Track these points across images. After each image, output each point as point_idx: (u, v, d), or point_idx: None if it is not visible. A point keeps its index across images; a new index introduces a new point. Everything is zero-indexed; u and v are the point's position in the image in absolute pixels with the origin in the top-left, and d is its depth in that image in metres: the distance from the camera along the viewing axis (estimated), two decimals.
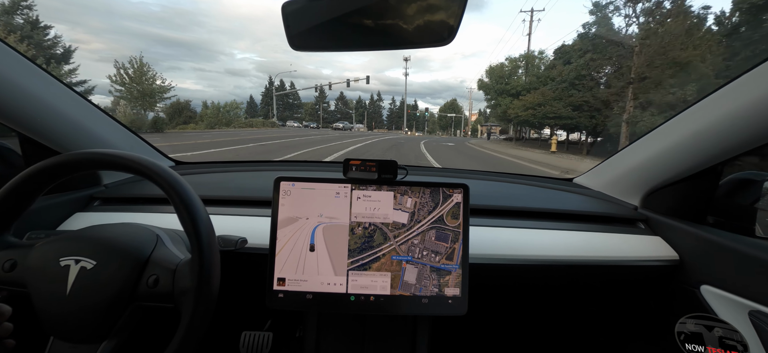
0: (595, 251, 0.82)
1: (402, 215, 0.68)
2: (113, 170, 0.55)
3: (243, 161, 1.50)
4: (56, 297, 0.50)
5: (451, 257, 0.68)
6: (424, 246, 0.68)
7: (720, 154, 0.71)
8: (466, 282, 0.67)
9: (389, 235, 0.68)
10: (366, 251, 0.68)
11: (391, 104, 79.57)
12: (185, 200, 0.51)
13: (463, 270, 0.67)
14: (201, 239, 0.50)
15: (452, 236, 0.68)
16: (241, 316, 1.07)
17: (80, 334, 0.51)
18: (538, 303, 1.06)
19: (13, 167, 0.85)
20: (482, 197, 0.95)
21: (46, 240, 0.56)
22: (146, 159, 0.53)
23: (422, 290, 0.67)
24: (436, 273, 0.67)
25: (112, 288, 0.51)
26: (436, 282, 0.67)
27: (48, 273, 0.51)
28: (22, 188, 0.52)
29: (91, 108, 0.90)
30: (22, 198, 0.54)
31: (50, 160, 0.53)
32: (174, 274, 0.53)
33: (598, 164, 1.13)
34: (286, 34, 0.52)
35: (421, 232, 0.68)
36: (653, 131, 0.88)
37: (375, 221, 0.68)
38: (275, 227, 0.68)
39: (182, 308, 0.51)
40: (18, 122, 0.74)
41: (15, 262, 0.53)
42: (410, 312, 0.67)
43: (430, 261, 0.68)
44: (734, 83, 0.65)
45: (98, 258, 0.52)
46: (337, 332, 0.83)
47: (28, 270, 0.52)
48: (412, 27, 0.50)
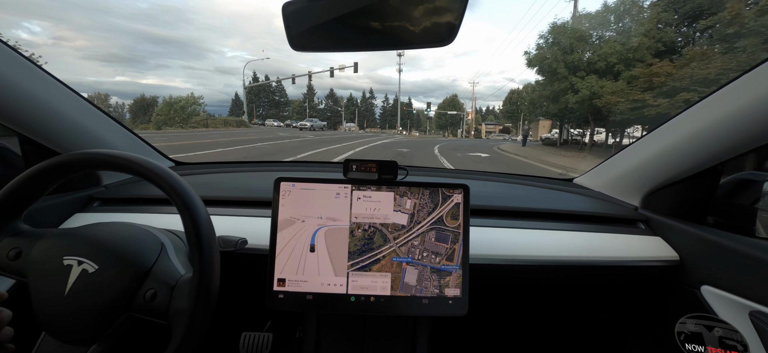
0: (596, 251, 0.82)
1: (402, 216, 0.68)
2: (113, 170, 0.55)
3: (244, 161, 1.50)
4: (54, 295, 0.50)
5: (451, 258, 0.68)
6: (425, 247, 0.68)
7: (720, 154, 0.71)
8: (467, 282, 0.67)
9: (389, 236, 0.68)
10: (366, 253, 0.68)
11: (384, 102, 77.33)
12: (186, 201, 0.51)
13: (463, 270, 0.67)
14: (201, 241, 0.50)
15: (452, 237, 0.68)
16: (241, 317, 1.07)
17: (72, 335, 0.51)
18: (538, 303, 1.06)
19: (13, 168, 0.85)
20: (482, 197, 0.95)
21: (52, 235, 0.55)
22: (147, 160, 0.53)
23: (422, 291, 0.67)
24: (436, 273, 0.67)
25: (109, 295, 0.51)
26: (437, 283, 0.67)
27: (49, 270, 0.51)
28: (29, 182, 0.53)
29: (91, 108, 0.90)
30: (34, 187, 0.54)
31: (50, 160, 0.52)
32: (172, 292, 0.52)
33: (598, 164, 1.13)
34: (286, 34, 0.51)
35: (421, 233, 0.68)
36: (653, 131, 0.88)
37: (375, 222, 0.68)
38: (275, 227, 0.67)
39: (174, 328, 0.50)
40: (18, 122, 0.74)
41: (20, 251, 0.53)
42: (410, 312, 0.67)
43: (431, 262, 0.68)
44: (735, 83, 0.65)
45: (100, 262, 0.52)
46: (338, 333, 0.83)
47: (31, 262, 0.52)
48: (412, 27, 0.50)
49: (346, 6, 0.48)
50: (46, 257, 0.52)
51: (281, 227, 0.68)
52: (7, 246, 0.54)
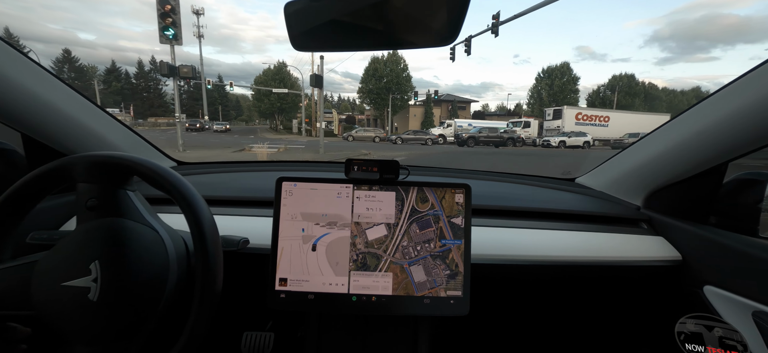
0: (598, 251, 0.82)
1: (403, 215, 0.68)
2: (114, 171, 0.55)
3: (245, 161, 1.51)
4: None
5: (453, 258, 0.68)
6: (426, 247, 0.68)
7: (723, 153, 0.70)
8: (468, 282, 0.67)
9: (391, 235, 0.68)
10: (368, 251, 0.68)
11: (186, 84, 44.60)
12: (189, 201, 0.51)
13: (465, 270, 0.67)
14: (206, 240, 0.50)
15: (454, 237, 0.68)
16: (242, 316, 1.07)
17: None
18: (540, 303, 1.06)
19: (17, 168, 0.85)
20: (484, 197, 0.95)
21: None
22: (149, 161, 0.53)
23: (424, 290, 0.67)
24: (438, 273, 0.67)
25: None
26: (438, 283, 0.67)
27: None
28: (22, 192, 0.52)
29: (93, 108, 0.90)
30: (24, 201, 0.53)
31: (52, 163, 0.52)
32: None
33: (600, 163, 1.13)
34: (288, 34, 0.52)
35: (421, 232, 0.68)
36: (656, 131, 0.88)
37: (377, 221, 0.68)
38: (277, 227, 0.68)
39: None
40: (21, 122, 0.74)
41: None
42: (412, 312, 0.67)
43: (432, 262, 0.68)
44: (738, 83, 0.65)
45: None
46: (339, 332, 0.83)
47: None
48: (414, 27, 0.50)
49: (347, 6, 0.48)
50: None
51: (283, 227, 0.68)
52: None
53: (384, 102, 31.25)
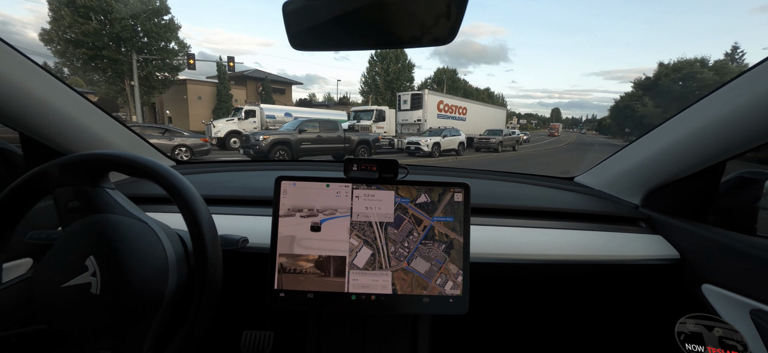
0: (596, 250, 0.82)
1: (402, 214, 0.68)
2: (115, 170, 0.55)
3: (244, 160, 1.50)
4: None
5: (452, 257, 0.68)
6: (425, 245, 0.68)
7: (721, 152, 0.71)
8: (467, 281, 0.67)
9: (390, 234, 0.68)
10: (367, 250, 0.68)
11: None
12: (188, 200, 0.51)
13: (464, 269, 0.67)
14: (204, 239, 0.50)
15: (453, 235, 0.68)
16: (242, 316, 1.07)
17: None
18: (539, 302, 1.06)
19: (15, 167, 0.85)
20: (483, 196, 0.95)
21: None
22: (148, 159, 0.53)
23: (423, 289, 0.67)
24: (437, 272, 0.67)
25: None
26: (437, 282, 0.67)
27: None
28: (20, 190, 0.52)
29: (91, 107, 0.90)
30: (5, 219, 0.52)
31: (51, 163, 0.52)
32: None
33: (599, 162, 1.13)
34: (287, 33, 0.52)
35: (422, 231, 0.68)
36: (654, 130, 0.88)
37: (376, 220, 0.68)
38: (276, 226, 0.68)
39: None
40: (19, 121, 0.74)
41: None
42: (411, 311, 0.67)
43: (431, 261, 0.68)
44: (735, 82, 0.65)
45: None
46: (338, 331, 0.83)
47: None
48: (412, 26, 0.50)
49: (346, 5, 0.48)
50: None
51: (282, 226, 0.68)
52: None
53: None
